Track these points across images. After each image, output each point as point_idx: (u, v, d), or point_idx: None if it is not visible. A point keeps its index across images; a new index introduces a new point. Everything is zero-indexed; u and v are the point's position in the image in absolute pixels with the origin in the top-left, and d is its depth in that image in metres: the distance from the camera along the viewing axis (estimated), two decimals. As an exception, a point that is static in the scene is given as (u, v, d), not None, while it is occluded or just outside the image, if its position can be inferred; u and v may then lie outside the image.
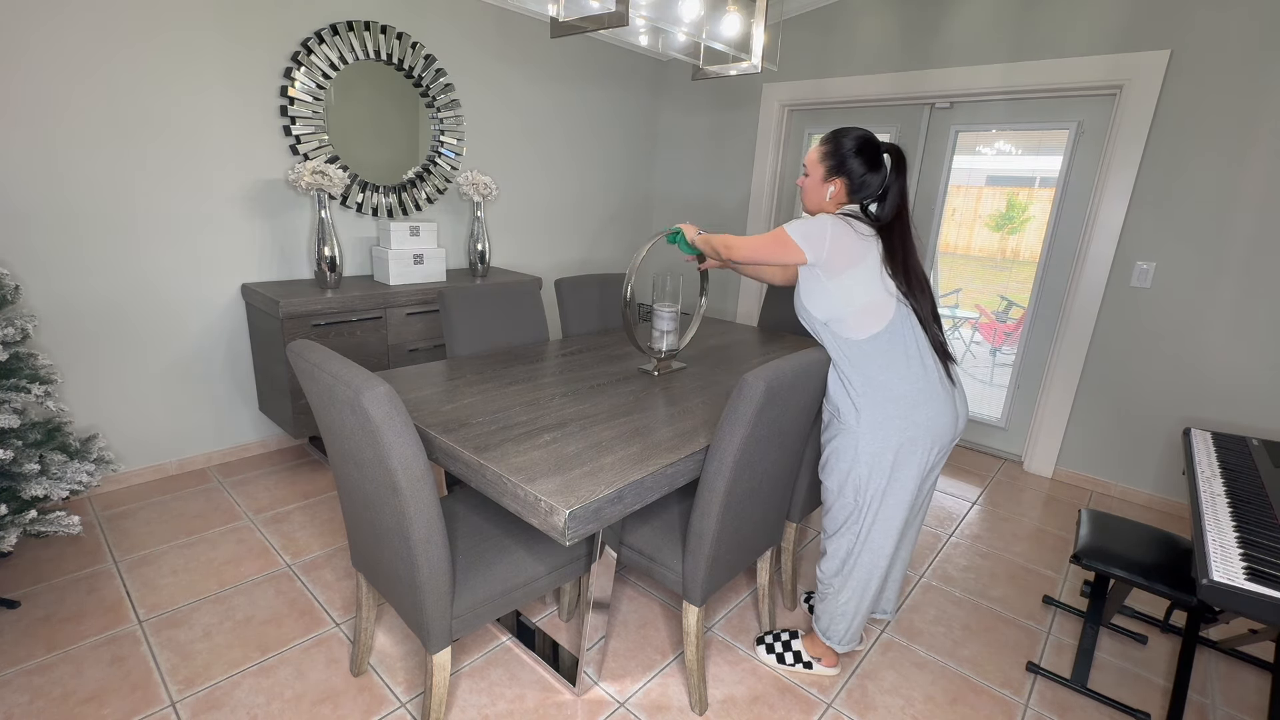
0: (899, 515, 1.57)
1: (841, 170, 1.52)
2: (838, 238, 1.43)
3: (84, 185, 2.23)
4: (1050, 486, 3.04)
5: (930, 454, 1.52)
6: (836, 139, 1.52)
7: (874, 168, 1.51)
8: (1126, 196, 2.72)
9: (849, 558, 1.63)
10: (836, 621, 1.69)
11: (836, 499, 1.61)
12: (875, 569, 1.62)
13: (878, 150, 1.51)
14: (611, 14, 1.73)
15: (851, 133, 1.51)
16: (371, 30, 2.79)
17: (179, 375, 2.59)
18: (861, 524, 1.58)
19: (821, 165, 1.54)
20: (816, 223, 1.46)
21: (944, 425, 1.50)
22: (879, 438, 1.49)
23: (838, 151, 1.51)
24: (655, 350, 2.03)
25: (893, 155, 1.51)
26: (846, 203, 1.55)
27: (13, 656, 1.66)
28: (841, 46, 3.44)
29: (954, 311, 3.56)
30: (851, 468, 1.54)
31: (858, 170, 1.50)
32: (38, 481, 1.79)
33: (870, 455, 1.51)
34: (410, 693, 1.62)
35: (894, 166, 1.51)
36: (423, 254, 2.94)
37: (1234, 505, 1.52)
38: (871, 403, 1.49)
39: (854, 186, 1.52)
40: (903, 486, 1.54)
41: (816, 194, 1.57)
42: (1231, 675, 1.86)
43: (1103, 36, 2.68)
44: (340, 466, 1.39)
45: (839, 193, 1.54)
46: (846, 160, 1.51)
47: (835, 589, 1.67)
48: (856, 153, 1.50)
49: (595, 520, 1.21)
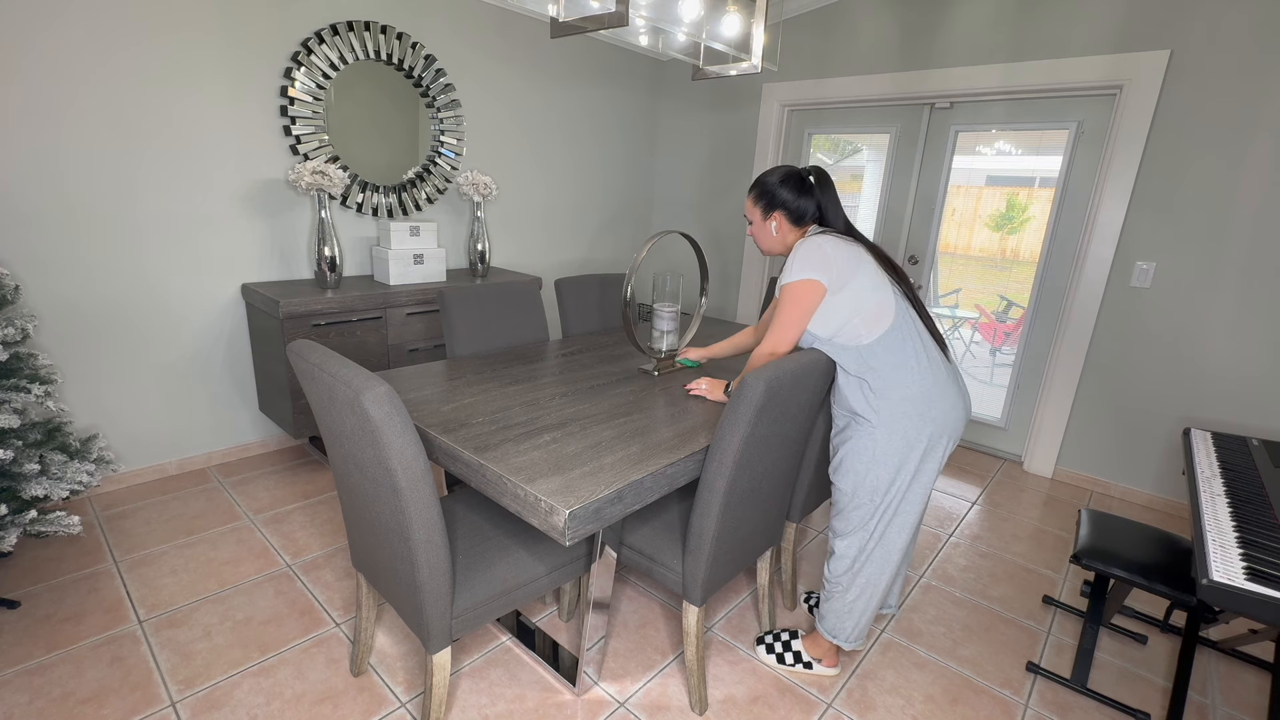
0: (917, 512, 1.59)
1: (775, 204, 1.60)
2: (833, 247, 1.49)
3: (84, 185, 2.23)
4: (1050, 486, 3.04)
5: (948, 449, 1.54)
6: (760, 181, 1.63)
7: (803, 191, 1.59)
8: (1126, 196, 2.72)
9: (860, 555, 1.63)
10: (844, 619, 1.69)
11: (850, 501, 1.60)
12: (888, 565, 1.63)
13: (799, 177, 1.60)
14: (611, 14, 1.73)
15: (773, 171, 1.62)
16: (371, 30, 2.79)
17: (179, 375, 2.59)
18: (878, 524, 1.59)
19: (757, 208, 1.64)
20: (805, 249, 1.50)
21: (958, 417, 1.53)
22: (900, 438, 1.50)
23: (765, 190, 1.61)
24: (655, 350, 2.03)
25: (815, 175, 1.61)
26: (796, 231, 1.62)
27: (13, 656, 1.66)
28: (841, 46, 3.44)
29: (954, 311, 3.56)
30: (870, 469, 1.54)
31: (789, 198, 1.59)
32: (38, 481, 1.79)
33: (892, 456, 1.51)
34: (410, 693, 1.62)
35: (819, 184, 1.60)
36: (423, 254, 2.94)
37: (1234, 505, 1.52)
38: (890, 403, 1.50)
39: (792, 214, 1.60)
40: (923, 484, 1.56)
41: (765, 235, 1.65)
42: (1231, 675, 1.86)
43: (1103, 36, 2.68)
44: (340, 466, 1.39)
45: (782, 225, 1.61)
46: (775, 193, 1.60)
47: (844, 586, 1.67)
48: (781, 184, 1.59)
49: (595, 520, 1.21)
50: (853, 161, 3.73)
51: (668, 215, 4.52)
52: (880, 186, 3.53)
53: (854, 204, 3.70)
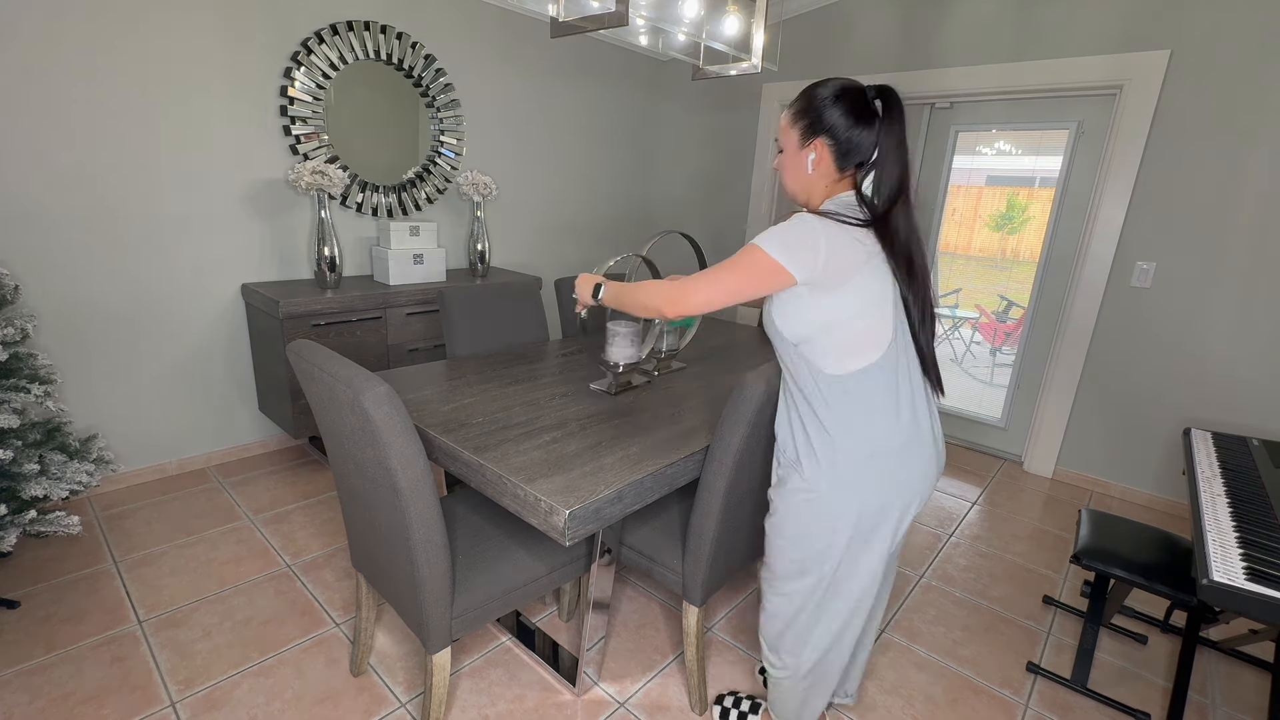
0: (871, 587, 1.25)
1: (819, 127, 1.15)
2: (835, 244, 1.08)
3: (84, 185, 2.23)
4: (1050, 486, 3.04)
5: (912, 514, 1.22)
6: (810, 90, 1.17)
7: (862, 119, 1.13)
8: (1126, 196, 2.72)
9: (810, 635, 1.31)
10: (799, 710, 1.41)
11: (793, 568, 1.28)
12: (842, 648, 1.32)
13: (863, 96, 1.14)
14: (611, 14, 1.73)
15: (828, 82, 1.16)
16: (371, 30, 2.79)
17: (179, 375, 2.59)
18: (818, 598, 1.27)
19: (795, 128, 1.19)
20: (800, 227, 1.10)
21: (929, 480, 1.22)
22: (852, 501, 1.17)
23: (812, 105, 1.16)
24: (655, 351, 2.03)
25: (884, 99, 1.14)
26: (837, 175, 1.18)
27: (13, 656, 1.66)
28: (841, 46, 3.44)
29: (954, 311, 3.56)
30: (814, 536, 1.21)
31: (841, 124, 1.13)
32: (37, 481, 1.79)
33: (838, 520, 1.18)
34: (410, 693, 1.62)
35: (887, 114, 1.14)
36: (423, 254, 2.94)
37: (1234, 505, 1.52)
38: (849, 458, 1.15)
39: (841, 147, 1.15)
40: (877, 556, 1.22)
41: (796, 168, 1.20)
42: (1231, 675, 1.86)
43: (1103, 36, 2.68)
44: (340, 466, 1.39)
45: (823, 159, 1.17)
46: (824, 112, 1.14)
47: (791, 671, 1.35)
48: (835, 100, 1.13)
49: (595, 520, 1.21)
50: (853, 161, 3.72)
51: (668, 214, 4.52)
52: (880, 186, 3.53)
53: (854, 204, 3.69)
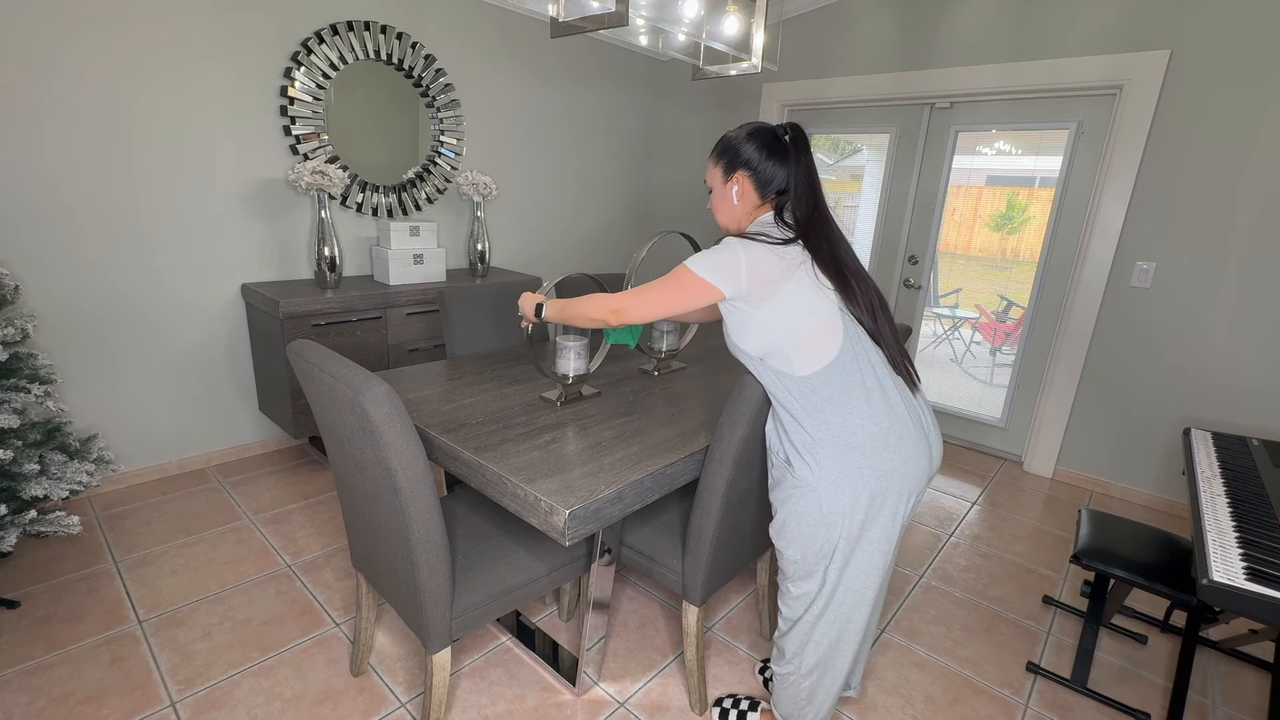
0: (873, 583, 1.31)
1: (738, 162, 1.32)
2: (753, 259, 1.22)
3: (85, 185, 2.23)
4: (1050, 486, 3.04)
5: (907, 505, 1.27)
6: (726, 135, 1.36)
7: (775, 153, 1.30)
8: (1126, 196, 2.72)
9: (813, 632, 1.36)
10: (803, 708, 1.44)
11: (799, 569, 1.34)
12: (844, 646, 1.36)
13: (772, 133, 1.31)
14: (611, 14, 1.73)
15: (742, 126, 1.35)
16: (371, 30, 2.79)
17: (179, 375, 2.59)
18: (825, 596, 1.32)
19: (718, 167, 1.36)
20: (723, 249, 1.25)
21: (919, 469, 1.26)
22: (843, 492, 1.24)
23: (730, 146, 1.34)
24: (655, 351, 2.03)
25: (792, 133, 1.31)
26: (758, 201, 1.33)
27: (13, 656, 1.66)
28: (841, 46, 3.44)
29: (954, 311, 3.57)
30: (814, 531, 1.28)
31: (755, 156, 1.30)
32: (37, 481, 1.79)
33: (833, 515, 1.25)
34: (410, 693, 1.62)
35: (794, 146, 1.30)
36: (423, 254, 2.94)
37: (1234, 505, 1.52)
38: (831, 453, 1.23)
39: (760, 177, 1.31)
40: (875, 549, 1.28)
41: (724, 201, 1.37)
42: (1231, 675, 1.86)
43: (1103, 36, 2.68)
44: (340, 466, 1.39)
45: (745, 191, 1.33)
46: (740, 149, 1.32)
47: (795, 668, 1.41)
48: (749, 138, 1.31)
49: (595, 520, 1.21)
50: (853, 161, 3.73)
51: (668, 215, 4.52)
52: (880, 186, 3.53)
53: (854, 204, 3.70)
